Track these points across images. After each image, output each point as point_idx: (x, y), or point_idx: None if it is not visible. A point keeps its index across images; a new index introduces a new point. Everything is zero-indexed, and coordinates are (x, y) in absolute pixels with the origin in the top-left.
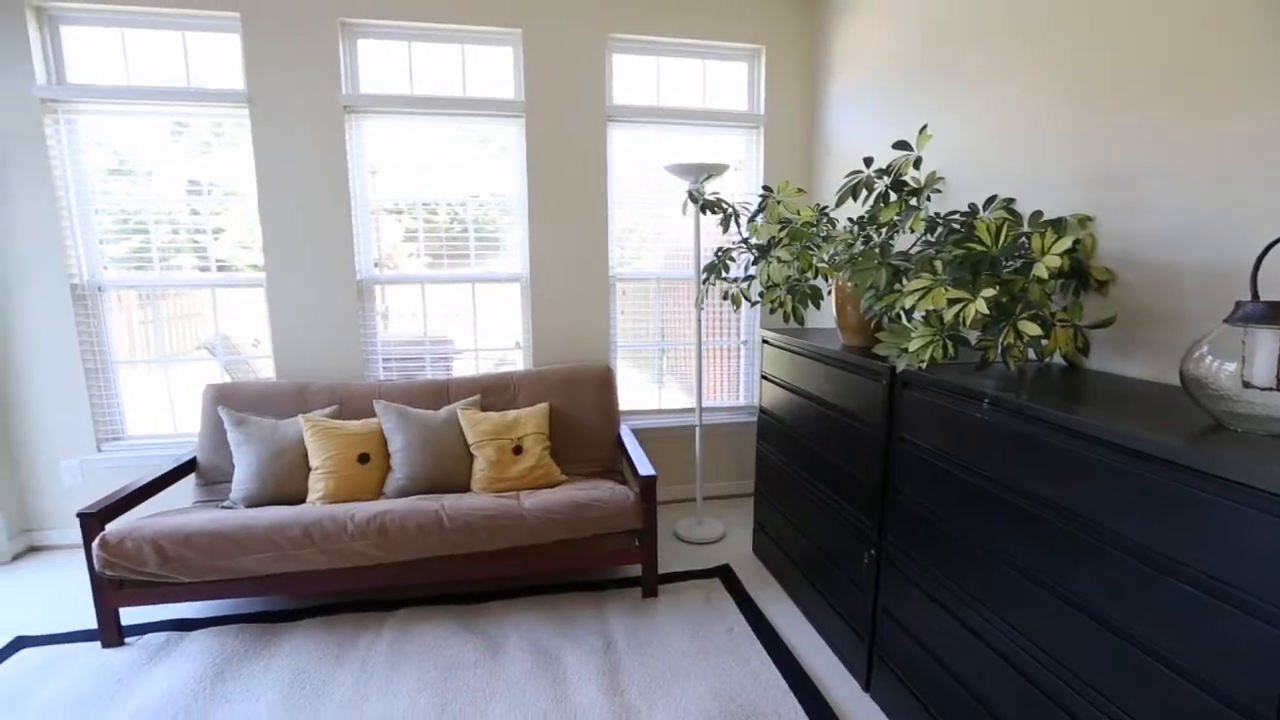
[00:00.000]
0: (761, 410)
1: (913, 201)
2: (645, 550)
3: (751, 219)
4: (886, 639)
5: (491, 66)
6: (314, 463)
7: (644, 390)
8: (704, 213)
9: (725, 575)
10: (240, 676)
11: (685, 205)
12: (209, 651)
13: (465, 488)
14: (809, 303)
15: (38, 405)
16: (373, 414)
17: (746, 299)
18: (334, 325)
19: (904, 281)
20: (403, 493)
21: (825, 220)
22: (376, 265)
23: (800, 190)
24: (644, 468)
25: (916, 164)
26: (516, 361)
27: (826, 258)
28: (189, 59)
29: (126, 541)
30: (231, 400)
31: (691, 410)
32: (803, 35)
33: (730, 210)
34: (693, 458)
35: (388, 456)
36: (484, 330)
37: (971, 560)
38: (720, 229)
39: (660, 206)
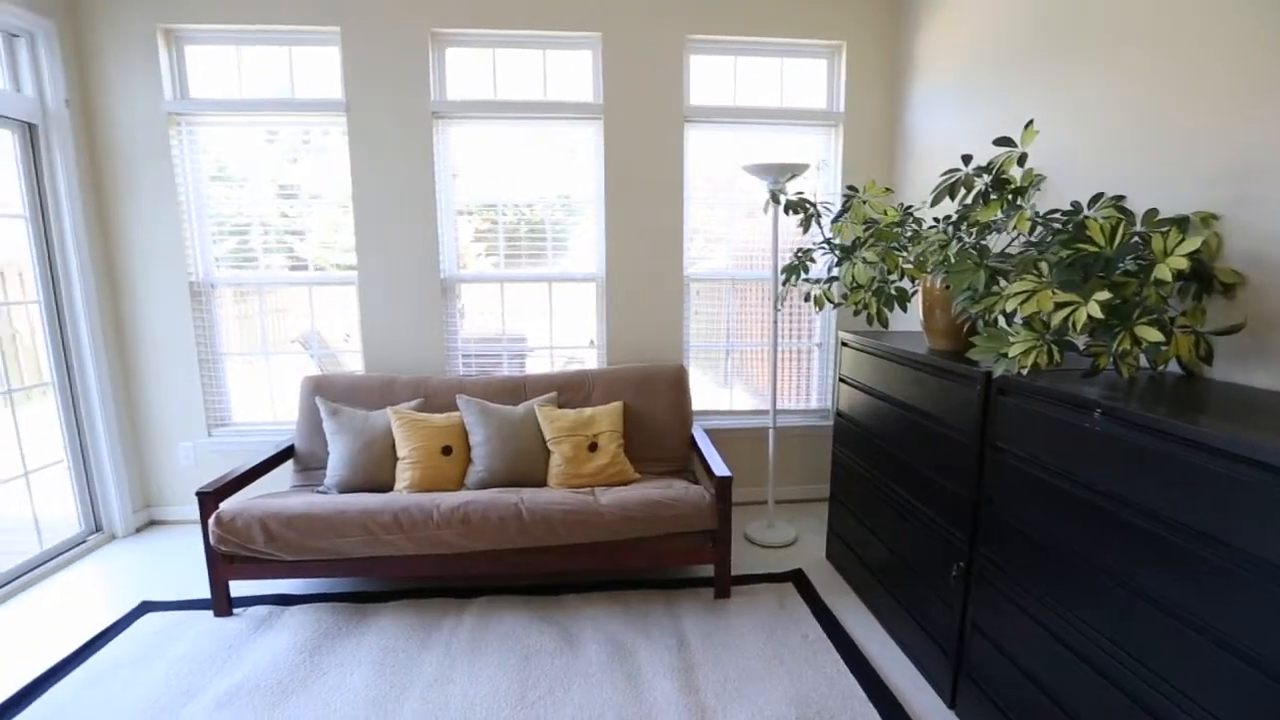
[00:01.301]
0: (839, 414)
1: (1015, 200)
2: (719, 551)
3: (835, 219)
4: (975, 655)
5: (571, 70)
6: (401, 453)
7: (712, 391)
8: (787, 213)
9: (798, 580)
10: (335, 651)
11: (767, 205)
12: (307, 626)
13: (542, 482)
14: (894, 305)
15: (161, 393)
16: (455, 408)
17: (830, 301)
18: (419, 322)
19: (1000, 284)
20: (483, 485)
21: (910, 220)
22: (460, 266)
23: (887, 190)
24: (719, 468)
25: (1020, 161)
26: (587, 359)
27: (914, 258)
28: (293, 72)
29: (238, 520)
30: (327, 391)
31: (762, 412)
32: (885, 31)
33: (812, 210)
34: (762, 460)
35: (469, 449)
36: (557, 328)
37: (1076, 577)
38: (801, 229)
39: (729, 206)
